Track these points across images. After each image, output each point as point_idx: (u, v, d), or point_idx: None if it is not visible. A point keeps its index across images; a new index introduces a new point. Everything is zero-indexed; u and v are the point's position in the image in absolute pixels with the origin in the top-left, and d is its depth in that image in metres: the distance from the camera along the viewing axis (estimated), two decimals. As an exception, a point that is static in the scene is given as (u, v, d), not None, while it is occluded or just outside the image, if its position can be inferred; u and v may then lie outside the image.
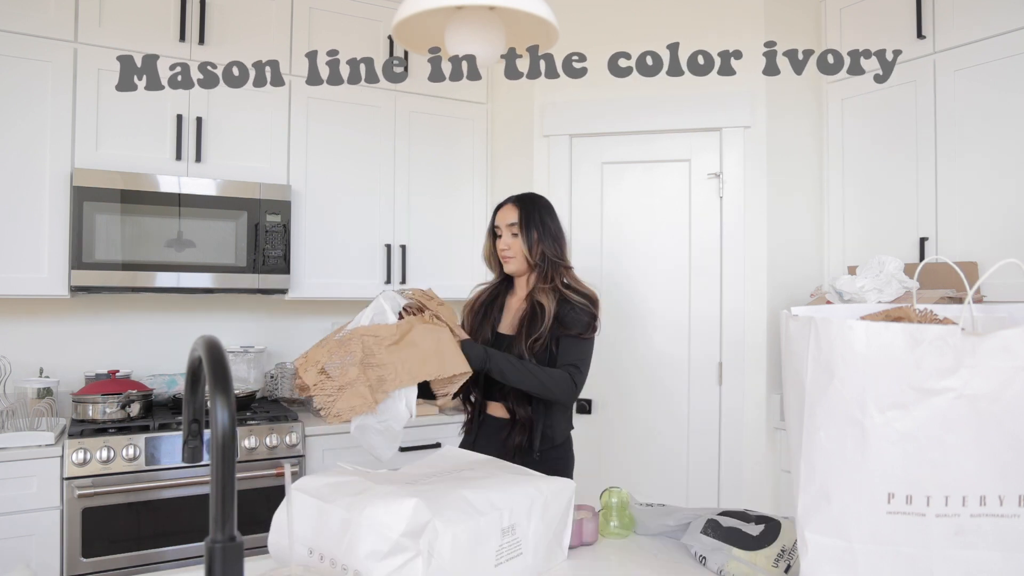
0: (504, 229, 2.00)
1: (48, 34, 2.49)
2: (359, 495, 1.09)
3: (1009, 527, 0.87)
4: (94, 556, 2.28)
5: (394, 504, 1.04)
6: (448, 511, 1.08)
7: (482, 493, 1.15)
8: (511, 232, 1.98)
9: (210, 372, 0.77)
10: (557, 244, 1.99)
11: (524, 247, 1.96)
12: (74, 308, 2.83)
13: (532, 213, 1.98)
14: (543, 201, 2.05)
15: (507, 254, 1.99)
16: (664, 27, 2.85)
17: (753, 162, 2.76)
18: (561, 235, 2.03)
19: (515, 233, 1.98)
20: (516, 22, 1.27)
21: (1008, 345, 0.85)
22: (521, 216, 1.97)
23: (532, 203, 2.01)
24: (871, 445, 0.89)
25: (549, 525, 1.25)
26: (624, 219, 2.92)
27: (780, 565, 1.22)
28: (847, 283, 2.45)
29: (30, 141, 2.47)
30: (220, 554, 0.74)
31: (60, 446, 2.27)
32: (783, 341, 1.00)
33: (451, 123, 3.23)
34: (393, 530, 1.01)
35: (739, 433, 2.75)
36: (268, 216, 2.76)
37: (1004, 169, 2.38)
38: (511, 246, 1.98)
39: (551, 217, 2.02)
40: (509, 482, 1.22)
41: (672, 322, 2.85)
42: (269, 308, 3.17)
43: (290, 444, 2.56)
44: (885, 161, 2.73)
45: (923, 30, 2.56)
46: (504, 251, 2.00)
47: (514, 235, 1.98)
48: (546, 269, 1.96)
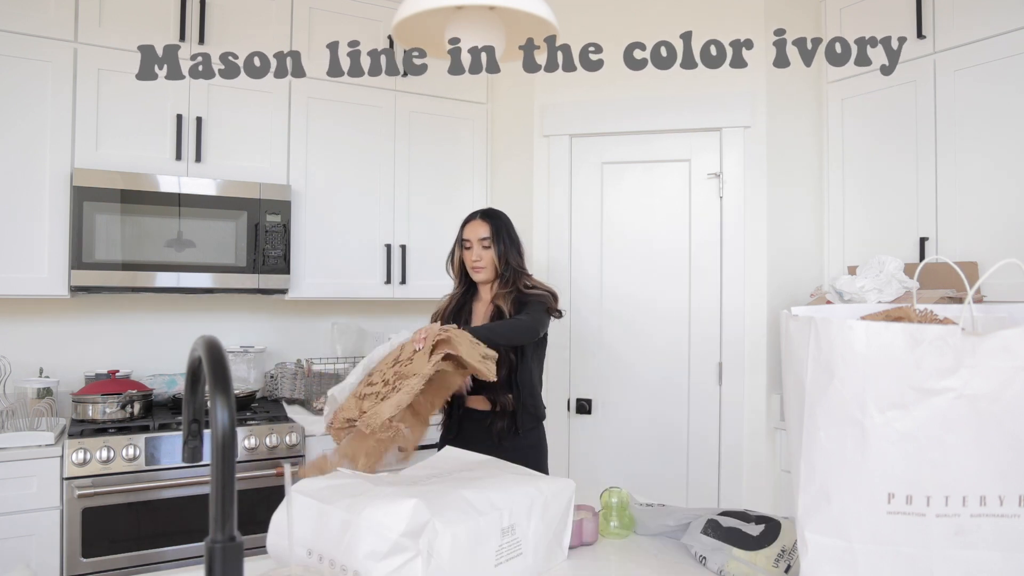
0: (475, 243, 2.23)
1: (48, 34, 2.49)
2: (359, 496, 1.09)
3: (1009, 527, 0.87)
4: (94, 556, 2.28)
5: (393, 504, 1.04)
6: (448, 511, 1.08)
7: (482, 493, 1.15)
8: (482, 245, 2.21)
9: (210, 372, 0.77)
10: (519, 254, 2.26)
11: (495, 258, 2.20)
12: (74, 308, 2.83)
13: (500, 228, 2.23)
14: (505, 217, 2.30)
15: (479, 264, 2.21)
16: (664, 26, 2.85)
17: (753, 162, 2.76)
18: (521, 246, 2.29)
19: (486, 246, 2.21)
20: (516, 22, 1.27)
21: (1008, 345, 0.85)
22: (492, 230, 2.21)
23: (499, 218, 2.26)
24: (871, 445, 0.89)
25: (549, 525, 1.24)
26: (624, 219, 2.92)
27: (780, 565, 1.22)
28: (847, 283, 2.45)
29: (30, 141, 2.47)
30: (220, 554, 0.74)
31: (60, 446, 2.27)
32: (783, 341, 1.00)
33: (451, 123, 3.23)
34: (392, 530, 1.01)
35: (739, 433, 2.75)
36: (268, 216, 2.76)
37: (1004, 169, 2.38)
38: (483, 257, 2.21)
39: (513, 231, 2.28)
40: (509, 482, 1.22)
41: (672, 322, 2.85)
42: (269, 308, 3.17)
43: (290, 444, 2.56)
44: (885, 161, 2.73)
45: (923, 30, 2.56)
46: (476, 262, 2.22)
47: (485, 247, 2.21)
48: (509, 276, 2.20)
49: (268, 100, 2.85)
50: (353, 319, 3.30)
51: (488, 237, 2.21)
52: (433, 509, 1.06)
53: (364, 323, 3.31)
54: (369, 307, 3.37)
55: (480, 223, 2.24)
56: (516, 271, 2.21)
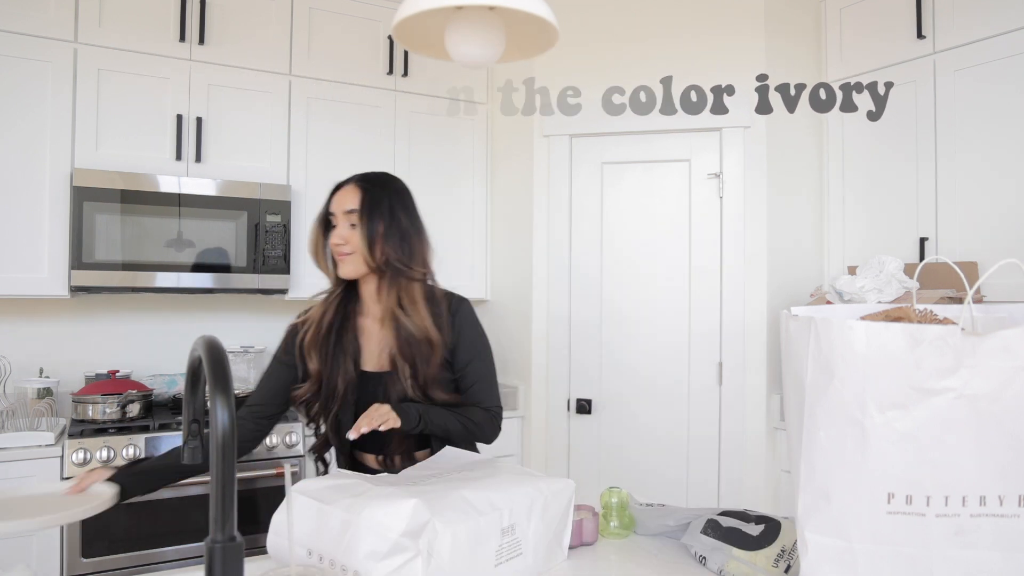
0: (341, 217, 1.52)
1: (48, 34, 2.49)
2: (359, 496, 1.10)
3: (1009, 527, 0.87)
4: (94, 556, 2.28)
5: (393, 504, 1.04)
6: (447, 511, 1.08)
7: (482, 493, 1.15)
8: (348, 222, 1.51)
9: (210, 372, 0.77)
10: (406, 244, 1.52)
11: (362, 243, 1.49)
12: (74, 308, 2.83)
13: (379, 199, 1.51)
14: (398, 184, 1.58)
15: (342, 249, 1.51)
16: (664, 26, 2.85)
17: (753, 162, 2.76)
18: (416, 234, 1.55)
19: (353, 224, 1.51)
20: (516, 22, 1.27)
21: (1008, 345, 0.85)
22: (364, 201, 1.50)
23: (381, 186, 1.54)
24: (871, 445, 0.89)
25: (549, 525, 1.24)
26: (624, 219, 2.92)
27: (780, 565, 1.22)
28: (847, 283, 2.44)
29: (30, 141, 2.47)
30: (220, 554, 0.74)
31: (60, 446, 2.27)
32: (783, 341, 1.00)
33: (451, 123, 3.23)
34: (392, 530, 1.01)
35: (739, 433, 2.75)
36: (268, 216, 2.76)
37: (1004, 169, 2.38)
38: (348, 240, 1.51)
39: (404, 207, 1.54)
40: (509, 482, 1.22)
41: (672, 322, 2.85)
42: (269, 308, 3.17)
43: (290, 444, 2.56)
44: (885, 161, 2.73)
45: (923, 30, 2.56)
46: (338, 245, 1.52)
47: (351, 225, 1.51)
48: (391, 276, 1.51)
49: (268, 100, 2.85)
50: (353, 319, 3.30)
51: (357, 210, 1.50)
52: (433, 509, 1.06)
53: (364, 323, 3.31)
54: (369, 307, 3.37)
55: (351, 190, 1.52)
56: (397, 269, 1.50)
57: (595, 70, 2.90)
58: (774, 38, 2.79)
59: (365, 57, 3.04)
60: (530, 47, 1.34)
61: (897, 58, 2.66)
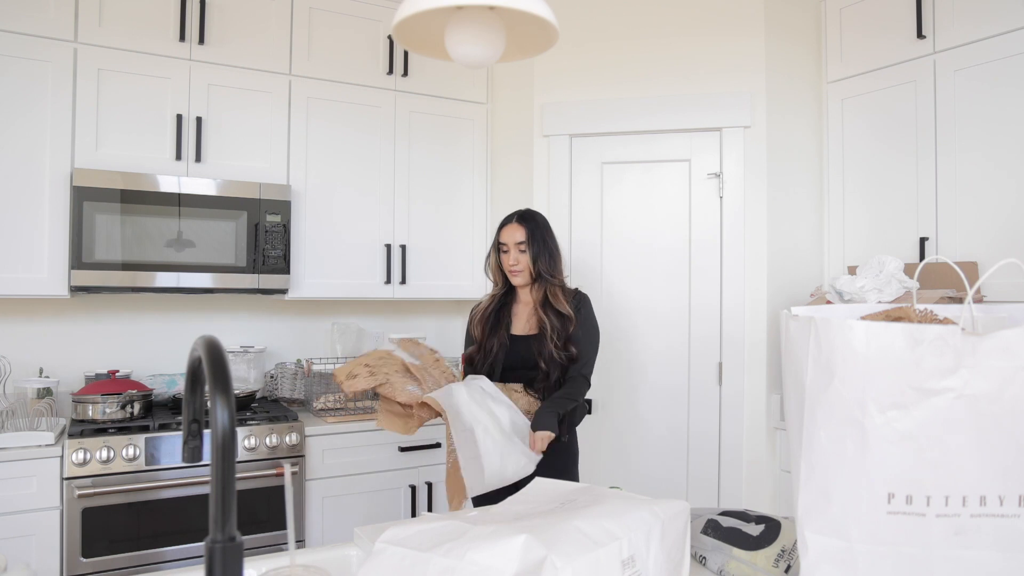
0: (512, 247, 2.25)
1: (48, 34, 2.49)
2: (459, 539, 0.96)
3: (1009, 527, 0.87)
4: (94, 556, 2.28)
5: (500, 543, 0.91)
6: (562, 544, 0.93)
7: (596, 522, 1.01)
8: (519, 249, 2.24)
9: (210, 372, 0.77)
10: (551, 258, 2.27)
11: (530, 262, 2.23)
12: (74, 308, 2.83)
13: (536, 232, 2.25)
14: (542, 219, 2.30)
15: (516, 268, 2.25)
16: (664, 26, 2.86)
17: (753, 162, 2.76)
18: (556, 252, 2.29)
19: (523, 250, 2.24)
20: (516, 22, 1.27)
21: (1008, 345, 0.85)
22: (527, 234, 2.24)
23: (535, 221, 2.27)
24: (871, 445, 0.89)
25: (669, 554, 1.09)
26: (624, 219, 2.92)
27: (780, 565, 1.22)
28: (847, 283, 2.44)
29: (30, 141, 2.47)
30: (220, 554, 0.74)
31: (60, 446, 2.27)
32: (783, 341, 1.00)
33: (451, 123, 3.23)
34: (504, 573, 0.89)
35: (739, 433, 2.75)
36: (268, 216, 2.76)
37: (1004, 169, 2.38)
38: (519, 261, 2.24)
39: (550, 234, 2.30)
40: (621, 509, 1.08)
41: (672, 322, 2.86)
42: (269, 308, 3.17)
43: (290, 444, 2.56)
44: (885, 161, 2.73)
45: (923, 30, 2.56)
46: (513, 266, 2.25)
47: (521, 251, 2.24)
48: (546, 279, 2.24)
49: (268, 100, 2.85)
50: (353, 319, 3.30)
51: (524, 241, 2.24)
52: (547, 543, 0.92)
53: (364, 323, 3.31)
54: (369, 307, 3.37)
55: (516, 227, 2.26)
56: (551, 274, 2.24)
57: (595, 70, 2.90)
58: (774, 38, 2.79)
59: (365, 57, 3.04)
60: (530, 47, 1.34)
61: (897, 58, 2.66)
